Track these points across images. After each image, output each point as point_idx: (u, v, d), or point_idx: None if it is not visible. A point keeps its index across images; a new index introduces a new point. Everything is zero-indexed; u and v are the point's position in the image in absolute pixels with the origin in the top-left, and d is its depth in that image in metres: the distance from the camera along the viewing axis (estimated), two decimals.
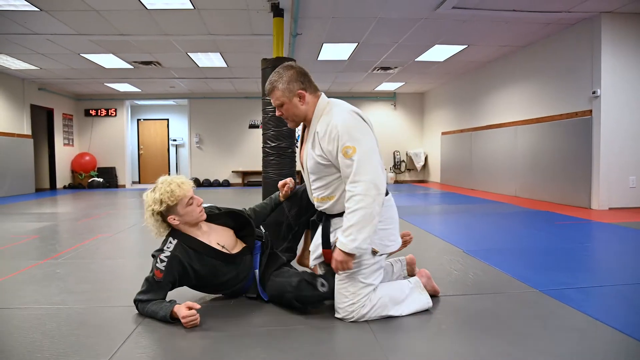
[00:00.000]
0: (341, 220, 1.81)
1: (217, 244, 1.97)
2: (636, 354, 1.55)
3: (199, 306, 1.79)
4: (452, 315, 1.90)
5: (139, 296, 1.89)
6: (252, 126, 11.33)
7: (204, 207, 2.03)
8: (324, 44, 6.69)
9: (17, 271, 2.73)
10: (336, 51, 7.11)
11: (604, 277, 2.53)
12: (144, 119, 12.65)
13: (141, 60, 7.61)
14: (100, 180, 10.75)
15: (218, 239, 2.00)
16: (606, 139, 5.29)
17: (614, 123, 5.29)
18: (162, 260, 1.85)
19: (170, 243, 1.89)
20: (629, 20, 5.28)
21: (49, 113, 10.10)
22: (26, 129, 9.10)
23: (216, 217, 2.11)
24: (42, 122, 10.04)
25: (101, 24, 5.56)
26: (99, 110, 11.20)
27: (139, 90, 10.54)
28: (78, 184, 10.71)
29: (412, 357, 1.53)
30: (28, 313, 1.99)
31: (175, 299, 1.88)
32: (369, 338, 1.67)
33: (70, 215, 5.59)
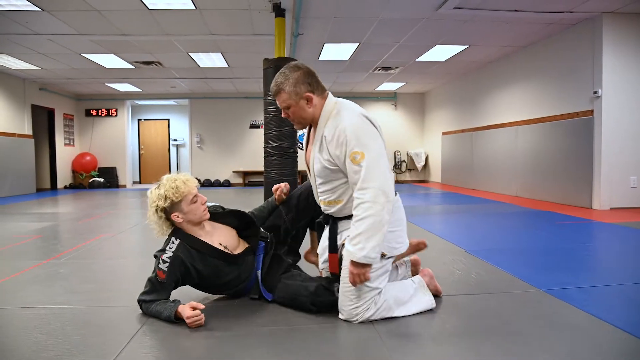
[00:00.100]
0: (349, 222, 1.80)
1: (220, 244, 1.96)
2: (639, 352, 1.56)
3: (203, 306, 1.79)
4: (456, 315, 1.90)
5: (143, 296, 1.89)
6: (253, 126, 11.34)
7: (208, 206, 2.02)
8: (325, 44, 6.69)
9: (20, 271, 2.73)
10: (337, 51, 7.11)
11: (606, 277, 2.54)
12: (144, 119, 12.65)
13: (142, 60, 7.62)
14: (101, 180, 10.76)
15: (220, 239, 1.99)
16: (607, 139, 5.29)
17: (615, 123, 5.30)
18: (165, 261, 1.84)
19: (173, 243, 1.89)
20: (630, 21, 5.29)
21: (50, 113, 10.11)
22: (27, 129, 9.11)
23: (220, 216, 2.10)
24: (43, 122, 10.06)
25: (102, 24, 5.56)
26: (100, 110, 11.21)
27: (140, 90, 10.54)
28: (79, 184, 10.71)
29: (417, 356, 1.54)
30: (32, 313, 1.99)
31: (180, 299, 1.88)
32: (374, 337, 1.67)
33: (71, 216, 5.59)
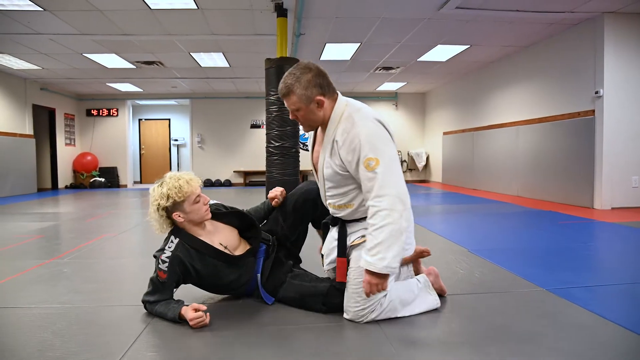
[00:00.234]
0: (357, 224, 1.79)
1: (220, 245, 1.94)
2: None
3: (205, 307, 1.78)
4: (461, 314, 1.91)
5: (146, 297, 1.89)
6: (254, 126, 11.35)
7: (210, 205, 2.00)
8: (327, 44, 6.69)
9: (24, 271, 2.74)
10: (339, 51, 7.11)
11: (608, 276, 2.54)
12: (145, 119, 12.66)
13: (144, 60, 7.62)
14: (102, 180, 10.77)
15: (221, 239, 1.97)
16: (609, 139, 5.30)
17: (617, 123, 5.30)
18: (164, 261, 1.83)
19: (172, 242, 1.87)
20: (631, 21, 5.29)
21: (51, 113, 10.11)
22: (28, 129, 9.11)
23: (222, 216, 2.08)
24: (44, 122, 10.06)
25: (104, 23, 5.57)
26: (101, 110, 11.21)
27: (141, 90, 10.55)
28: (80, 184, 10.71)
29: (423, 356, 1.54)
30: (37, 312, 1.99)
31: (184, 299, 1.88)
32: (379, 336, 1.67)
33: (73, 215, 5.60)
